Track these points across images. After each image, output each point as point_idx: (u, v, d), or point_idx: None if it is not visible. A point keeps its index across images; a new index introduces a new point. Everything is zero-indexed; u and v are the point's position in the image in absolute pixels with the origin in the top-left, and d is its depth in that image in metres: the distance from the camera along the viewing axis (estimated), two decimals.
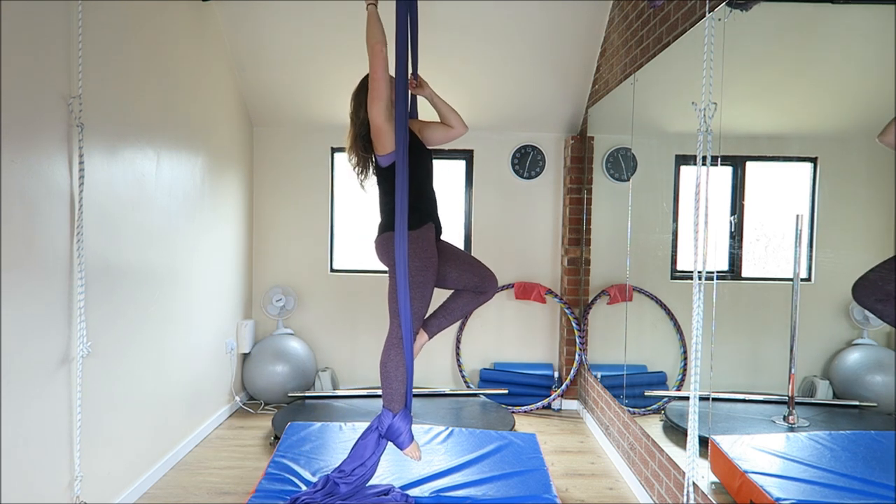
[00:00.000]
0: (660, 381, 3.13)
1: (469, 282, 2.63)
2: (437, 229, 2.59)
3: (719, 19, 2.23)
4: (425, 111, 2.94)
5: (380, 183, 2.57)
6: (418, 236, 2.44)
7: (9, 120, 2.11)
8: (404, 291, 2.36)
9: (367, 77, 2.54)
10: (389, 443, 2.55)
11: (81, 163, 2.44)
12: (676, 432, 2.77)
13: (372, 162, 2.56)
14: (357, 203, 4.74)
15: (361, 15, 3.77)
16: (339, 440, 3.22)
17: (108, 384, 2.76)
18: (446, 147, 4.60)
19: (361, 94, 2.53)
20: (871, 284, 1.72)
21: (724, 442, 2.29)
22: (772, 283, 2.38)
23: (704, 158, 2.17)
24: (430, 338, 2.66)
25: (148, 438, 3.12)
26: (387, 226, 2.50)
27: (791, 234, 2.13)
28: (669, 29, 2.83)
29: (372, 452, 2.51)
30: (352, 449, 2.55)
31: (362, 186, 2.64)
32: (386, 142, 2.41)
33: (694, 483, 2.25)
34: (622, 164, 3.71)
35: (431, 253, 2.48)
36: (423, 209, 2.48)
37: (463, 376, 4.60)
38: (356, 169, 2.60)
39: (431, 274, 2.48)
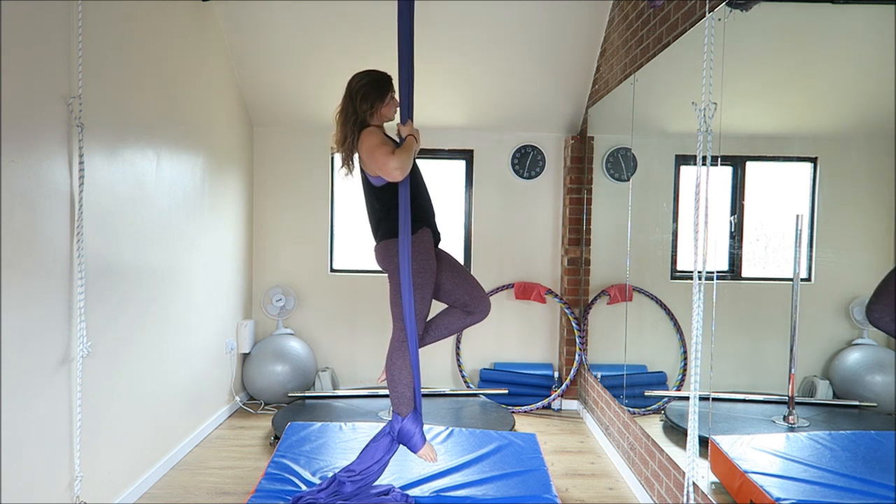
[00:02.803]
0: (660, 381, 3.13)
1: (460, 298, 2.64)
2: (435, 235, 2.64)
3: (719, 19, 2.23)
4: (426, 112, 2.93)
5: (369, 195, 2.59)
6: (414, 240, 2.49)
7: (9, 120, 2.11)
8: (408, 293, 2.42)
9: (376, 75, 2.52)
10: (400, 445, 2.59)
11: (81, 163, 2.44)
12: (676, 432, 2.77)
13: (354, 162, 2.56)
14: (357, 203, 4.74)
15: (361, 15, 3.80)
16: (339, 440, 3.22)
17: (108, 384, 2.76)
18: (446, 147, 4.61)
19: (371, 91, 2.48)
20: (883, 307, 1.68)
21: (724, 442, 2.29)
22: (772, 283, 2.38)
23: (704, 158, 2.17)
24: None
25: (148, 438, 3.12)
26: (385, 233, 2.55)
27: (791, 234, 2.13)
28: (669, 29, 2.83)
29: (383, 455, 2.55)
30: (363, 451, 2.58)
31: (350, 172, 2.59)
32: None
33: (694, 483, 2.25)
34: (622, 164, 3.71)
35: (429, 256, 2.54)
36: (415, 215, 2.51)
37: (463, 376, 4.60)
38: (344, 165, 2.58)
39: (430, 276, 2.53)
